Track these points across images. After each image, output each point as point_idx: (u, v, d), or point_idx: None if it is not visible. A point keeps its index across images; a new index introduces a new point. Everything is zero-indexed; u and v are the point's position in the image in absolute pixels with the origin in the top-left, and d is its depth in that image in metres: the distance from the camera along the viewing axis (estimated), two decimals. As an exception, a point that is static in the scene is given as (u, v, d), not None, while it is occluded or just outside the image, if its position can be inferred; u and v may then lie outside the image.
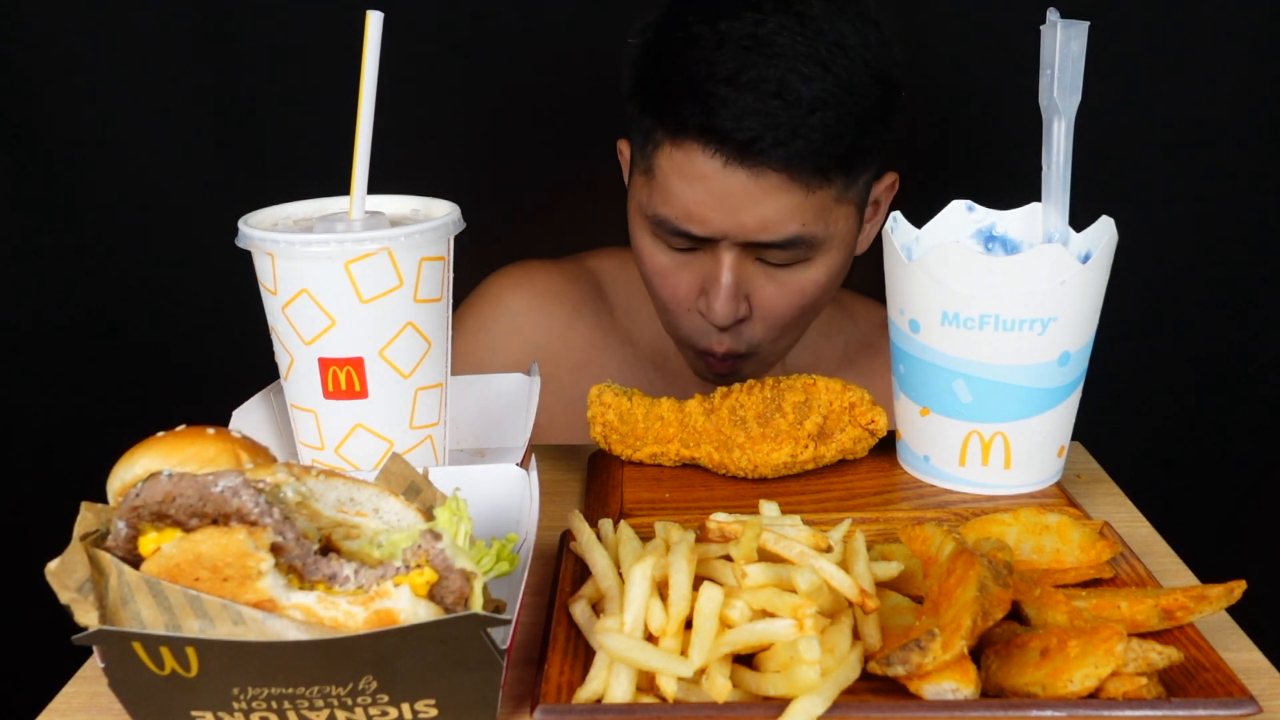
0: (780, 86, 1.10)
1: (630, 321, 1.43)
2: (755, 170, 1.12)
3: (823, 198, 1.15)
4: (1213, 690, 0.65)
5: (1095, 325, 0.90)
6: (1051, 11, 0.87)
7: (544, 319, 1.41)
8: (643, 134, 1.20)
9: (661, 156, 1.17)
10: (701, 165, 1.13)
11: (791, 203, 1.14)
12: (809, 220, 1.15)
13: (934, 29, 1.52)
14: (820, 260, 1.20)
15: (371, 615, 0.61)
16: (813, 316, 1.28)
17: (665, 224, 1.18)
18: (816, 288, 1.22)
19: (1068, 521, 0.81)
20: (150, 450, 0.71)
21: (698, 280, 1.22)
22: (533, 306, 1.42)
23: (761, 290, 1.21)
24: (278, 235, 0.83)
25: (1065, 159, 0.89)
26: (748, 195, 1.13)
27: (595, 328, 1.43)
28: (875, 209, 1.30)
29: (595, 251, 1.49)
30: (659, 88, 1.16)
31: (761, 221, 1.14)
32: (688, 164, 1.14)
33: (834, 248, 1.20)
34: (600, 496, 0.95)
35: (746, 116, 1.10)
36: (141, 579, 0.60)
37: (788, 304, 1.22)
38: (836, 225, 1.19)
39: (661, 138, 1.17)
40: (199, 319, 1.60)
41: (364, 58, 0.84)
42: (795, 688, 0.64)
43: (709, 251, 1.19)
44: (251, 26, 1.50)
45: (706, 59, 1.11)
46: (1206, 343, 1.62)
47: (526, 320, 1.41)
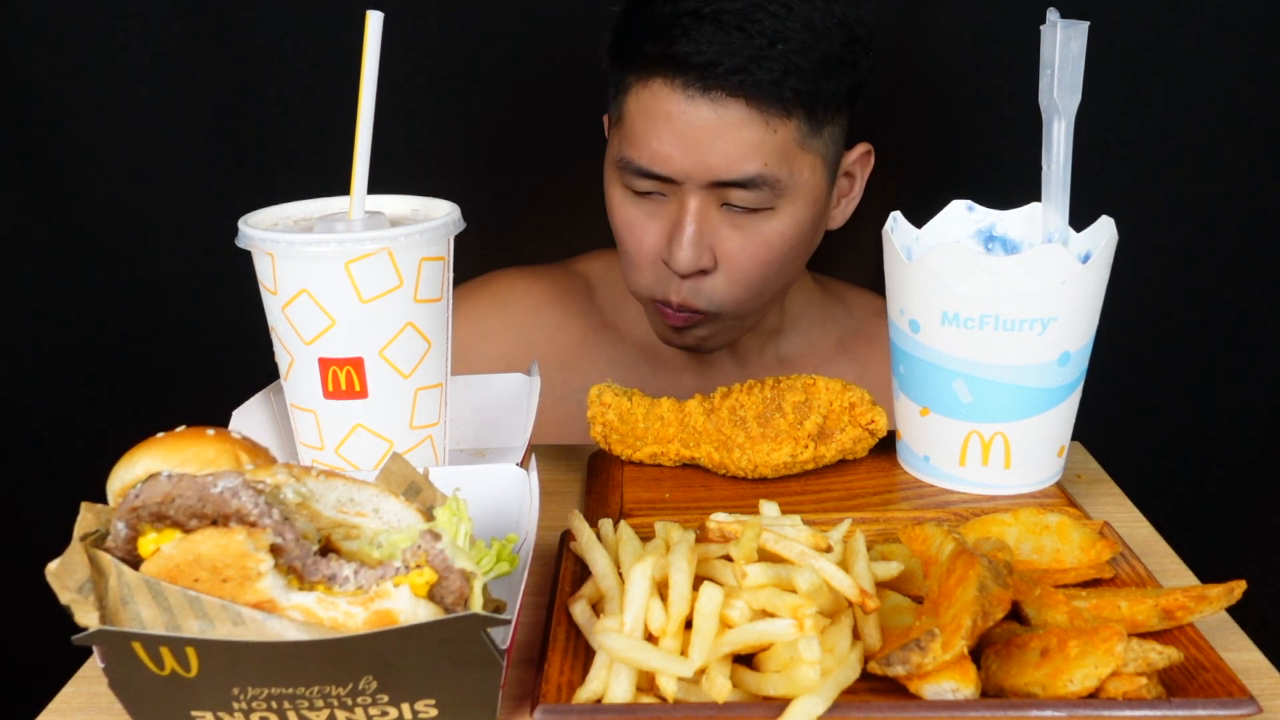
0: (743, 19, 1.13)
1: (619, 318, 1.44)
2: (716, 101, 1.14)
3: (785, 138, 1.16)
4: (1213, 690, 0.65)
5: (1095, 325, 0.90)
6: (1051, 11, 0.87)
7: (536, 317, 1.43)
8: (616, 87, 1.22)
9: (629, 100, 1.20)
10: (665, 100, 1.16)
11: (753, 138, 1.15)
12: (771, 160, 1.16)
13: (934, 29, 1.52)
14: (785, 210, 1.21)
15: (371, 616, 0.61)
16: (779, 280, 1.27)
17: (630, 166, 1.20)
18: (782, 240, 1.22)
19: (1068, 521, 0.81)
20: (150, 451, 0.71)
21: (665, 230, 1.22)
22: (526, 306, 1.44)
23: (726, 241, 1.21)
24: (278, 235, 0.83)
25: (1065, 159, 0.89)
26: (709, 130, 1.15)
27: (585, 327, 1.44)
28: (850, 183, 1.31)
29: (584, 256, 1.50)
30: (628, 33, 1.20)
31: (724, 157, 1.15)
32: (652, 101, 1.17)
33: (800, 198, 1.21)
34: (600, 496, 0.95)
35: (706, 44, 1.13)
36: (141, 580, 0.60)
37: (753, 256, 1.22)
38: (801, 173, 1.19)
39: (630, 82, 1.19)
40: (199, 319, 1.60)
41: (364, 58, 0.84)
42: (795, 688, 0.64)
43: (675, 199, 1.20)
44: (252, 26, 1.50)
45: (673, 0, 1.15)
46: (1206, 343, 1.62)
47: (520, 316, 1.43)
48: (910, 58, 1.53)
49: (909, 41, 1.52)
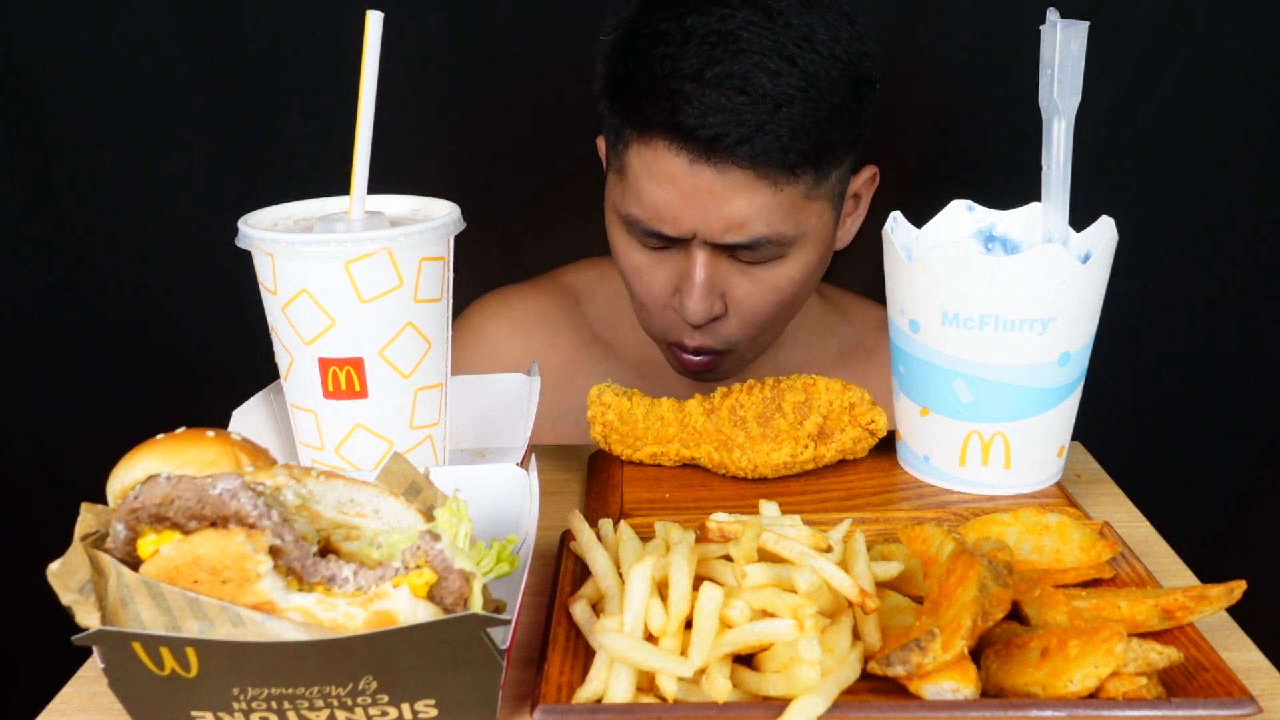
0: (745, 82, 1.09)
1: (612, 333, 1.42)
2: (721, 168, 1.11)
3: (791, 195, 1.14)
4: (1213, 690, 0.65)
5: (1095, 325, 0.90)
6: (1051, 11, 0.87)
7: (523, 342, 1.41)
8: (614, 132, 1.20)
9: (631, 155, 1.17)
10: (668, 164, 1.13)
11: (759, 201, 1.13)
12: (775, 220, 1.14)
13: (934, 29, 1.52)
14: (794, 257, 1.19)
15: (370, 616, 0.61)
16: (791, 313, 1.27)
17: (637, 224, 1.18)
18: (792, 284, 1.21)
19: (1068, 521, 0.81)
20: (150, 453, 0.71)
21: (672, 278, 1.21)
22: (511, 333, 1.41)
23: (737, 288, 1.20)
24: (278, 235, 0.83)
25: (1065, 159, 0.89)
26: (714, 194, 1.12)
27: (576, 344, 1.42)
28: (855, 203, 1.29)
29: (573, 265, 1.48)
30: (627, 85, 1.16)
31: (728, 221, 1.13)
32: (655, 162, 1.14)
33: (808, 244, 1.20)
34: (600, 496, 0.95)
35: (711, 113, 1.09)
36: (140, 581, 0.60)
37: (764, 301, 1.21)
38: (808, 222, 1.18)
39: (630, 136, 1.16)
40: (199, 319, 1.60)
41: (364, 58, 0.84)
42: (795, 688, 0.64)
43: (682, 250, 1.19)
44: (252, 26, 1.50)
45: (672, 55, 1.11)
46: (1206, 343, 1.62)
47: (505, 346, 1.41)
48: (910, 58, 1.53)
49: (909, 42, 1.52)
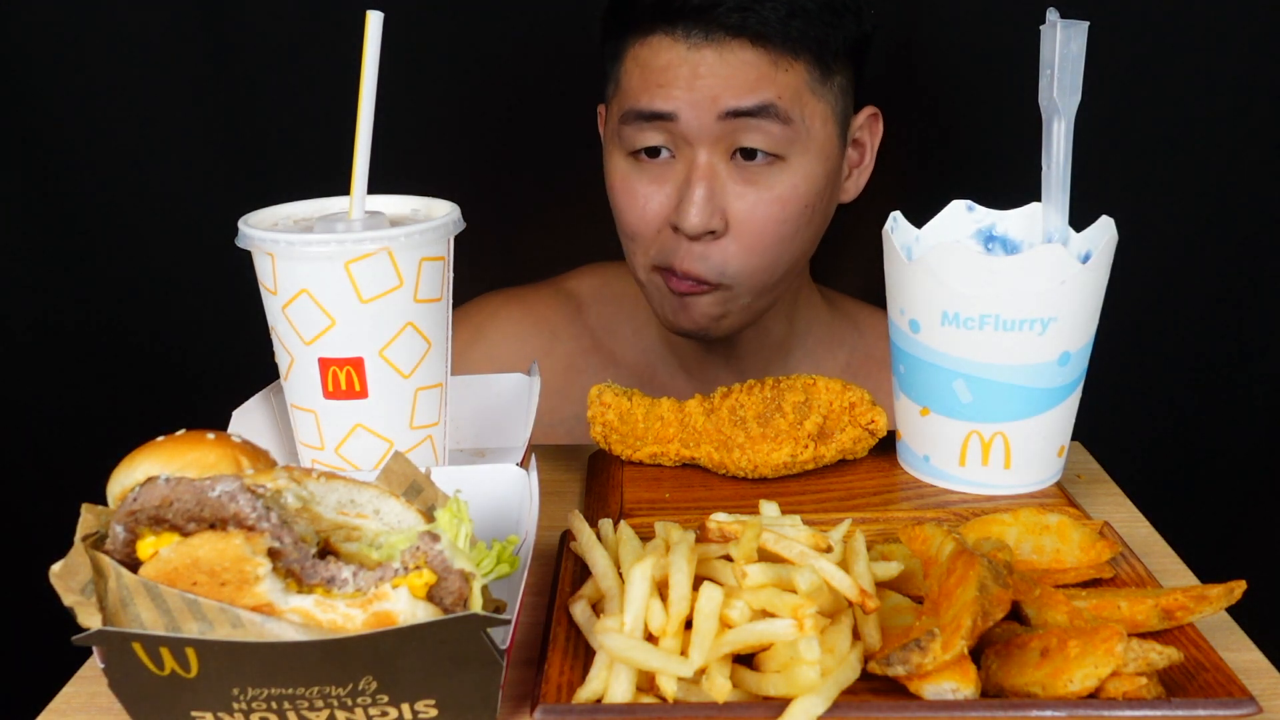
0: None
1: (612, 341, 1.41)
2: (720, 45, 1.10)
3: (794, 79, 1.13)
4: (1213, 690, 0.65)
5: (1095, 325, 0.90)
6: (1051, 11, 0.87)
7: (520, 345, 1.40)
8: (613, 59, 1.19)
9: (627, 62, 1.16)
10: (666, 52, 1.13)
11: (762, 73, 1.11)
12: (784, 94, 1.12)
13: (934, 29, 1.52)
14: (797, 162, 1.17)
15: (370, 617, 0.61)
16: (792, 247, 1.22)
17: (632, 112, 1.16)
18: (796, 196, 1.17)
19: (1068, 521, 0.81)
20: (150, 455, 0.71)
21: (671, 195, 1.18)
22: (508, 334, 1.40)
23: (738, 200, 1.17)
24: (278, 235, 0.83)
25: (1065, 159, 0.89)
26: (714, 70, 1.11)
27: (575, 351, 1.40)
28: (860, 152, 1.28)
29: (575, 271, 1.47)
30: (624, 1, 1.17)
31: (733, 87, 1.12)
32: (652, 56, 1.14)
33: (811, 150, 1.17)
34: (600, 496, 0.95)
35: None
36: (140, 583, 0.60)
37: (766, 215, 1.17)
38: (813, 121, 1.16)
39: (628, 44, 1.16)
40: (199, 319, 1.60)
41: (364, 58, 0.84)
42: (795, 688, 0.64)
43: (682, 159, 1.17)
44: (252, 27, 1.50)
45: None
46: (1206, 343, 1.62)
47: (502, 348, 1.40)
48: (910, 58, 1.53)
49: (909, 42, 1.52)
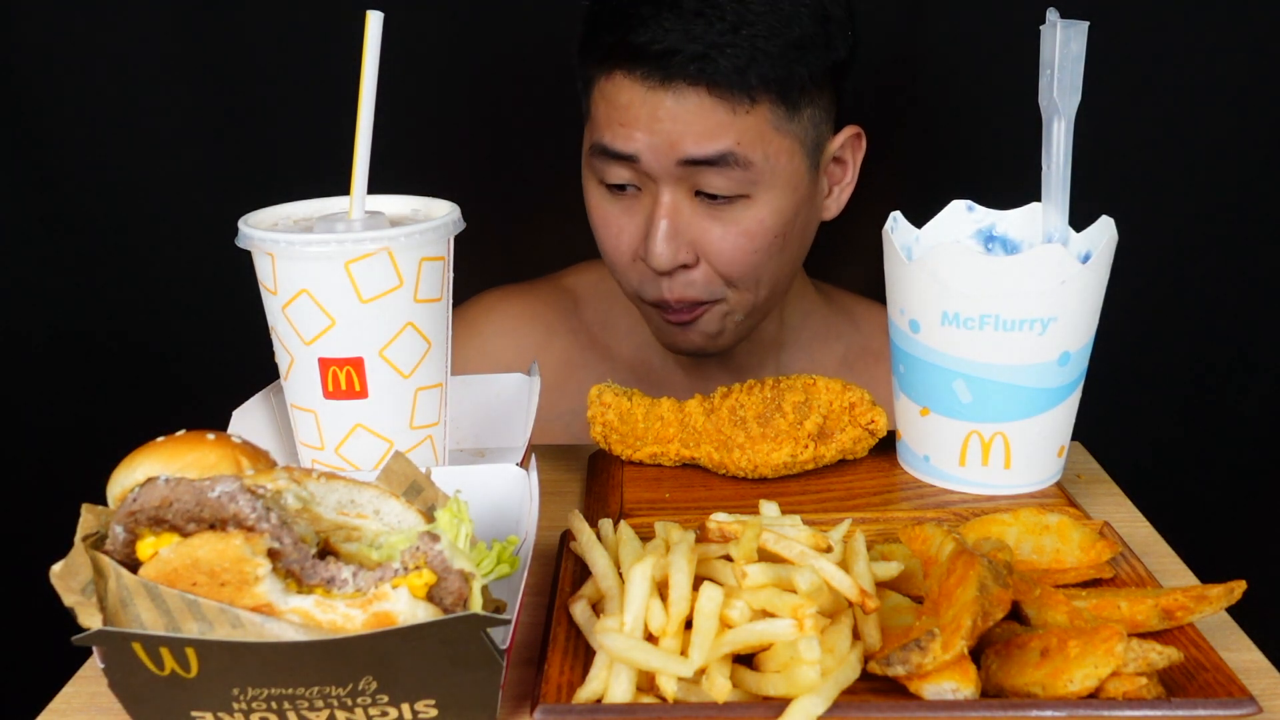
0: (702, 5, 1.10)
1: (609, 336, 1.41)
2: (677, 92, 1.11)
3: (756, 122, 1.13)
4: (1213, 690, 0.65)
5: (1095, 325, 0.90)
6: (1051, 11, 0.87)
7: (515, 341, 1.40)
8: (584, 83, 1.20)
9: (595, 93, 1.17)
10: (626, 91, 1.13)
11: (720, 121, 1.12)
12: (744, 140, 1.13)
13: (934, 29, 1.52)
14: (763, 198, 1.17)
15: (370, 618, 0.61)
16: (772, 268, 1.22)
17: (598, 148, 1.17)
18: (763, 229, 1.18)
19: (1068, 521, 0.81)
20: (150, 456, 0.71)
21: (640, 228, 1.19)
22: (504, 330, 1.41)
23: (706, 233, 1.17)
24: (278, 235, 0.83)
25: (1065, 159, 0.89)
26: (672, 117, 1.12)
27: (571, 346, 1.41)
28: (843, 169, 1.28)
29: (574, 268, 1.48)
30: (592, 26, 1.17)
31: (691, 137, 1.12)
32: (615, 92, 1.15)
33: (778, 185, 1.17)
34: (600, 496, 0.95)
35: (664, 33, 1.10)
36: (140, 583, 0.60)
37: (735, 248, 1.18)
38: (778, 159, 1.15)
39: (593, 75, 1.17)
40: (199, 319, 1.60)
41: (364, 58, 0.84)
42: (795, 688, 0.64)
43: (649, 193, 1.18)
44: (252, 27, 1.50)
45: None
46: (1206, 343, 1.62)
47: (498, 344, 1.40)
48: (910, 58, 1.53)
49: (909, 42, 1.52)
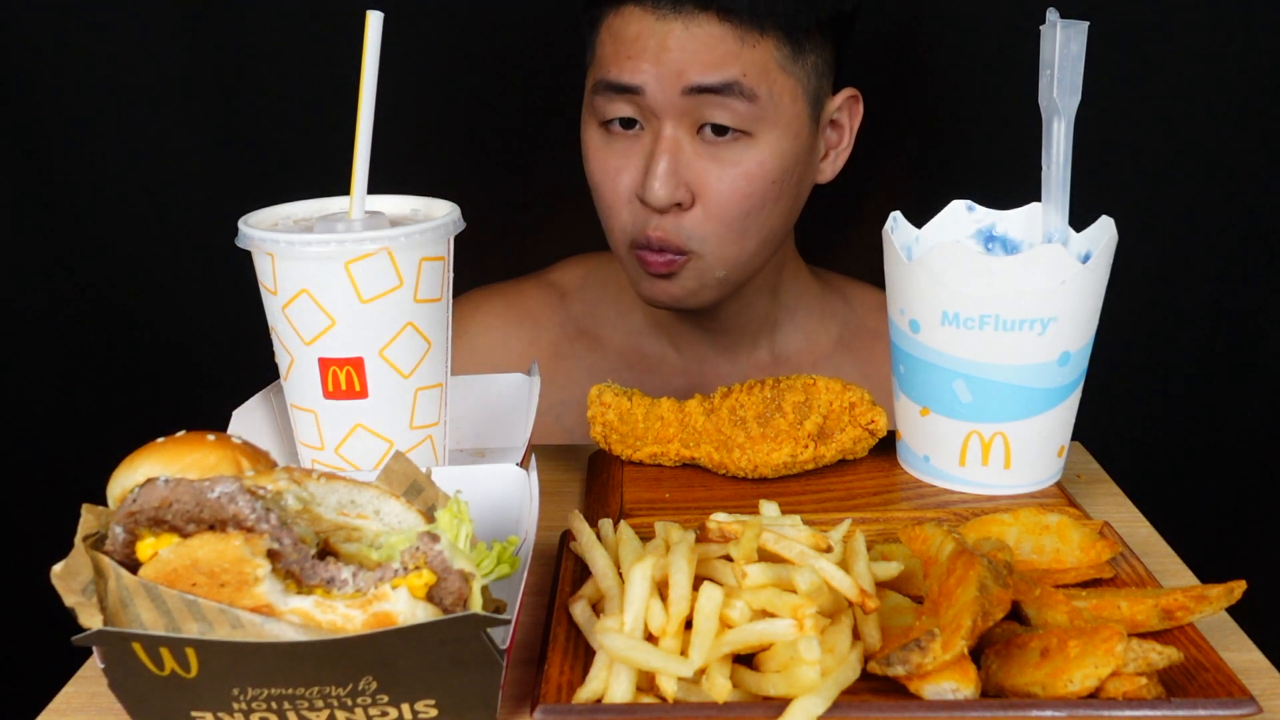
0: None
1: (597, 325, 1.41)
2: (688, 19, 1.13)
3: (762, 55, 1.14)
4: (1213, 690, 0.65)
5: (1095, 325, 0.90)
6: (1051, 11, 0.87)
7: (503, 339, 1.40)
8: (590, 28, 1.21)
9: (603, 32, 1.18)
10: (636, 23, 1.15)
11: (728, 49, 1.13)
12: (750, 72, 1.14)
13: (934, 29, 1.52)
14: (765, 138, 1.17)
15: (369, 618, 0.61)
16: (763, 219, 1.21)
17: (601, 87, 1.18)
18: (763, 171, 1.18)
19: (1068, 521, 0.81)
20: (151, 457, 0.71)
21: (639, 168, 1.19)
22: (491, 328, 1.41)
23: (704, 174, 1.17)
24: (278, 235, 0.83)
25: (1065, 159, 0.89)
26: (681, 45, 1.13)
27: (560, 338, 1.41)
28: (839, 133, 1.28)
29: (560, 263, 1.48)
30: None
31: (698, 63, 1.13)
32: (623, 27, 1.16)
33: (780, 126, 1.17)
34: (600, 496, 0.95)
35: None
36: (139, 584, 0.60)
37: (732, 189, 1.18)
38: (781, 98, 1.16)
39: (602, 14, 1.18)
40: (199, 319, 1.60)
41: (364, 58, 0.84)
42: (795, 688, 0.64)
43: (650, 131, 1.18)
44: (252, 27, 1.50)
45: None
46: (1206, 343, 1.62)
47: (484, 340, 1.40)
48: (910, 58, 1.53)
49: (909, 41, 1.52)
